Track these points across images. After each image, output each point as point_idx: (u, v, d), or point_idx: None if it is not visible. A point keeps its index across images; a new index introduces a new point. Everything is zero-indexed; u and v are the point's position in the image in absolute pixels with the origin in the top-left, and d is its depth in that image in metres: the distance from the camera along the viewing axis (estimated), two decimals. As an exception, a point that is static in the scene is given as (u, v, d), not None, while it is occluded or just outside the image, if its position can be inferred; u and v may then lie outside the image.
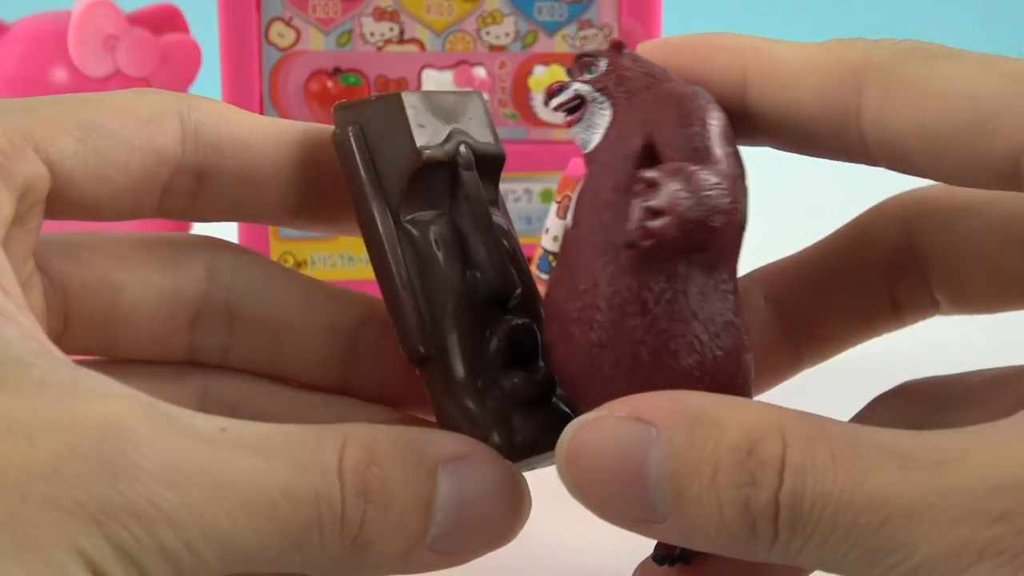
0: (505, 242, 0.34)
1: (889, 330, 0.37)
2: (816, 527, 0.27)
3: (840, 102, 0.32)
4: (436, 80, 0.48)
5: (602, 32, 0.48)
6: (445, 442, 0.30)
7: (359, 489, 0.28)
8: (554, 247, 0.37)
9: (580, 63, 0.33)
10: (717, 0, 1.05)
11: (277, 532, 0.27)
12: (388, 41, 0.48)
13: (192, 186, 0.33)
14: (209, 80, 0.52)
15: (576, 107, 0.33)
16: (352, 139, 0.33)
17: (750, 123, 0.33)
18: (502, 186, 0.48)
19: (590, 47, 0.49)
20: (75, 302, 0.33)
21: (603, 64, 0.33)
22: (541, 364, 0.33)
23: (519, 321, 0.33)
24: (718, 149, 0.31)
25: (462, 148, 0.33)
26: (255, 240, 0.50)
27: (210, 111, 0.33)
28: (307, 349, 0.35)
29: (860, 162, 0.33)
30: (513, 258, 0.34)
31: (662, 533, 0.29)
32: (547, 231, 0.37)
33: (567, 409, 0.33)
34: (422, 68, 0.48)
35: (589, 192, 0.32)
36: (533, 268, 0.37)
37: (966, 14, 1.10)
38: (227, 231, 0.48)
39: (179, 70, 0.53)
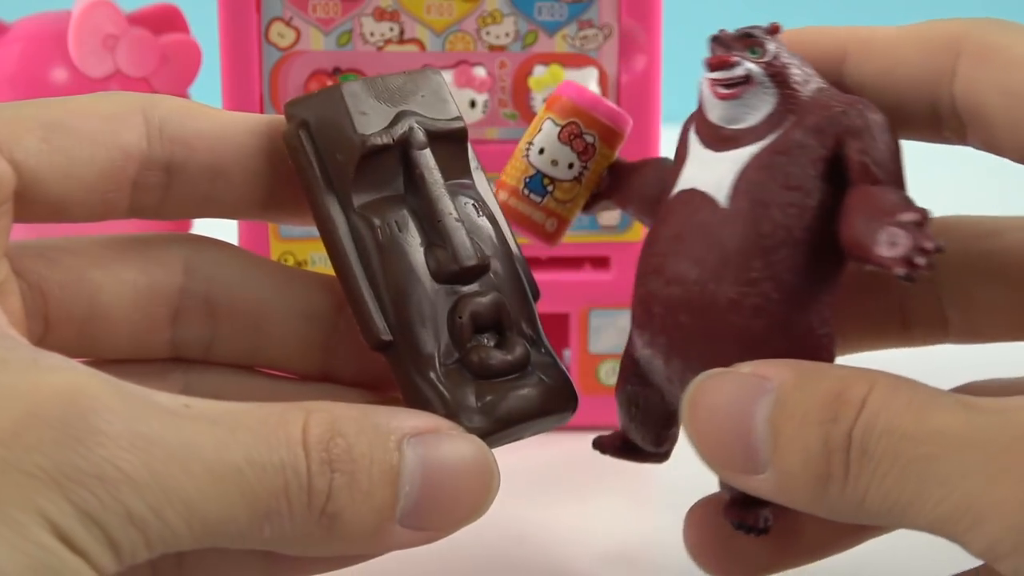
0: (476, 212, 0.34)
1: (897, 345, 0.39)
2: (880, 460, 0.29)
3: (936, 66, 0.33)
4: (436, 80, 0.48)
5: (602, 32, 0.48)
6: (410, 417, 0.30)
7: (324, 459, 0.28)
8: (552, 171, 0.37)
9: (745, 41, 0.34)
10: (717, 0, 1.04)
11: (244, 500, 0.27)
12: (388, 41, 0.48)
13: (161, 181, 0.34)
14: (209, 80, 0.52)
15: (738, 83, 0.33)
16: (299, 135, 0.34)
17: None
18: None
19: (589, 46, 0.49)
20: (54, 304, 0.34)
21: (772, 47, 0.34)
22: (513, 334, 0.33)
23: (484, 297, 0.33)
24: (902, 170, 0.33)
25: (412, 128, 0.34)
26: (255, 239, 0.50)
27: (173, 106, 0.34)
28: (288, 336, 0.35)
29: (944, 139, 0.35)
30: (483, 229, 0.34)
31: (761, 486, 0.31)
32: (542, 152, 0.37)
33: (544, 377, 0.33)
34: (422, 68, 0.48)
35: (757, 177, 0.33)
36: (521, 187, 0.37)
37: (966, 14, 1.09)
38: (228, 231, 0.49)
39: (179, 70, 0.53)
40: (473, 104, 0.48)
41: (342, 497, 0.28)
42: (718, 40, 0.35)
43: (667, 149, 0.41)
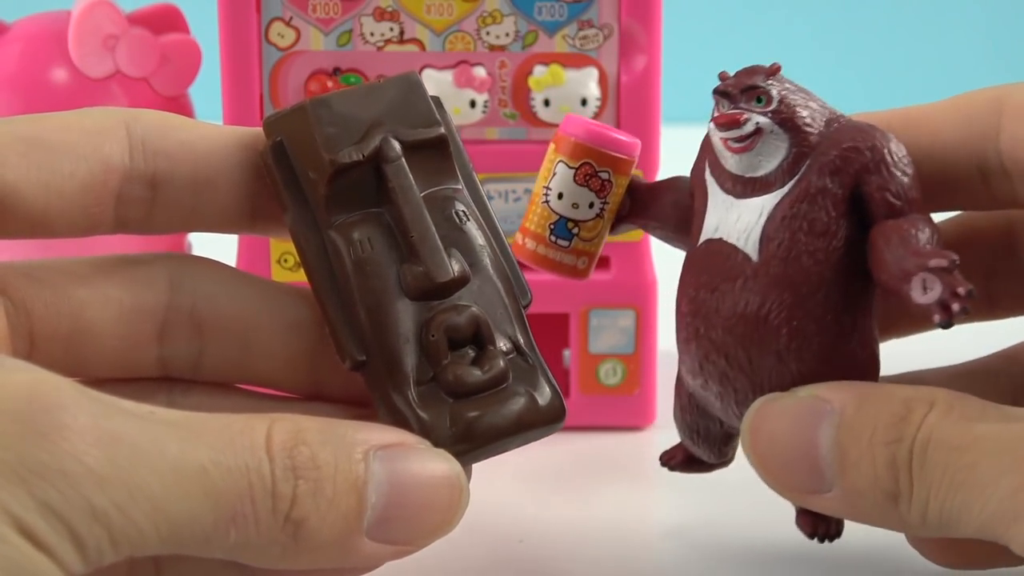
0: (460, 219, 0.33)
1: (981, 320, 0.40)
2: (934, 471, 0.31)
3: (980, 129, 0.35)
4: (436, 80, 0.48)
5: (602, 32, 0.48)
6: (377, 431, 0.30)
7: (288, 465, 0.28)
8: (574, 214, 0.37)
9: (748, 93, 0.35)
10: (717, 0, 1.04)
11: (209, 500, 0.27)
12: (388, 41, 0.48)
13: (146, 194, 0.34)
14: (209, 80, 0.52)
15: (749, 136, 0.34)
16: (271, 154, 0.34)
17: None
18: (502, 185, 0.48)
19: (589, 46, 0.49)
20: (39, 322, 0.34)
21: (775, 93, 0.35)
22: (494, 348, 0.33)
23: (460, 312, 0.33)
24: (921, 193, 0.34)
25: (384, 141, 0.33)
26: (255, 240, 0.50)
27: (156, 120, 0.34)
28: (275, 349, 0.35)
29: (993, 203, 0.36)
30: (466, 237, 0.33)
31: (828, 504, 0.33)
32: (561, 196, 0.37)
33: (527, 390, 0.33)
34: (422, 68, 0.48)
35: (784, 228, 0.34)
36: (547, 234, 0.37)
37: (967, 14, 1.10)
38: (227, 239, 0.49)
39: (179, 70, 0.53)
40: (473, 104, 0.48)
41: (307, 504, 0.28)
42: (723, 94, 0.36)
43: (667, 149, 0.42)
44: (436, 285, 0.32)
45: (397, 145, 0.33)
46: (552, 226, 0.37)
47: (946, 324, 0.31)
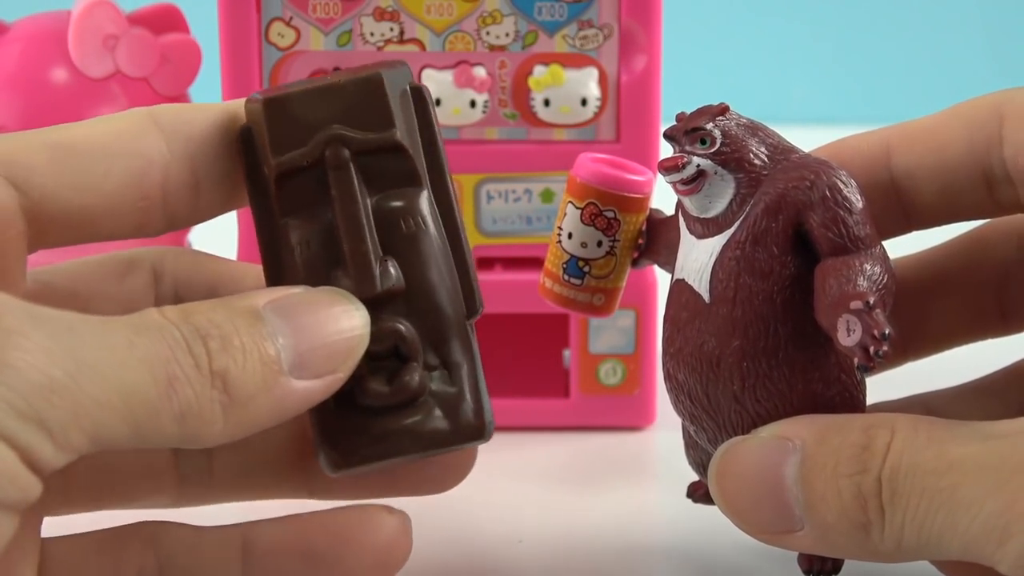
0: (406, 226, 0.33)
1: (995, 335, 0.40)
2: (909, 497, 0.30)
3: (983, 137, 0.35)
4: (436, 80, 0.48)
5: (602, 32, 0.48)
6: (261, 294, 0.32)
7: (191, 330, 0.30)
8: (584, 252, 0.38)
9: (692, 136, 0.35)
10: (717, 0, 1.04)
11: (144, 366, 0.28)
12: (388, 41, 0.48)
13: (191, 180, 0.34)
14: (209, 80, 0.52)
15: (694, 178, 0.35)
16: (239, 139, 0.34)
17: (897, 200, 0.36)
18: (502, 186, 0.48)
19: (589, 46, 0.49)
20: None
21: (718, 135, 0.35)
22: (416, 363, 0.33)
23: (379, 329, 0.32)
24: (869, 228, 0.34)
25: (331, 147, 0.33)
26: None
27: (173, 109, 0.34)
28: None
29: (998, 211, 0.36)
30: (408, 247, 0.33)
31: (801, 542, 0.33)
32: (571, 236, 0.38)
33: (440, 410, 0.33)
34: (422, 68, 0.48)
35: (729, 270, 0.34)
36: (561, 273, 0.38)
37: (967, 13, 1.10)
38: (225, 234, 0.49)
39: (179, 70, 0.53)
40: (473, 104, 0.48)
41: (223, 356, 0.29)
42: (669, 138, 0.36)
43: (667, 149, 0.41)
44: (360, 296, 0.32)
45: (345, 151, 0.33)
46: (564, 265, 0.38)
47: (864, 368, 0.31)
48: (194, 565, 0.33)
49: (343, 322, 0.32)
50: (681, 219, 0.36)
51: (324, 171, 0.33)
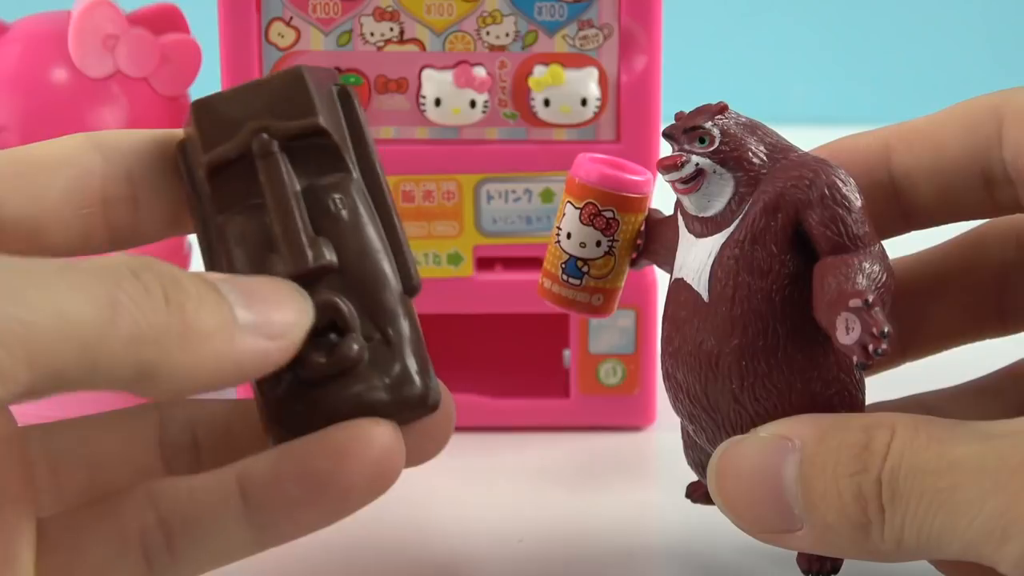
0: (335, 207, 0.34)
1: (994, 336, 0.40)
2: (909, 498, 0.30)
3: (982, 138, 0.35)
4: (436, 80, 0.48)
5: (602, 32, 0.48)
6: (204, 274, 0.31)
7: (140, 264, 0.29)
8: (582, 252, 0.38)
9: (691, 134, 0.35)
10: (717, 0, 1.04)
11: (85, 293, 0.28)
12: (388, 41, 0.48)
13: (129, 193, 0.35)
14: (209, 80, 0.52)
15: (692, 177, 0.35)
16: (179, 154, 0.35)
17: (896, 200, 0.36)
18: (502, 186, 0.48)
19: (589, 46, 0.49)
20: None
21: (716, 133, 0.35)
22: (354, 334, 0.33)
23: (316, 300, 0.33)
24: (868, 227, 0.34)
25: (256, 137, 0.34)
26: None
27: (111, 132, 0.35)
28: None
29: (997, 211, 0.36)
30: (339, 226, 0.34)
31: (800, 542, 0.33)
32: (570, 236, 0.38)
33: (379, 381, 0.33)
34: (422, 68, 0.48)
35: (728, 268, 0.34)
36: (559, 273, 0.38)
37: (967, 13, 1.10)
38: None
39: (179, 70, 0.53)
40: (473, 104, 0.48)
41: (176, 292, 0.29)
42: (668, 136, 0.36)
43: (667, 149, 0.41)
44: (294, 275, 0.33)
45: (273, 142, 0.34)
46: (563, 265, 0.38)
47: (863, 365, 0.31)
48: (195, 512, 0.33)
49: (287, 291, 0.32)
50: (680, 218, 0.36)
51: (252, 162, 0.34)
